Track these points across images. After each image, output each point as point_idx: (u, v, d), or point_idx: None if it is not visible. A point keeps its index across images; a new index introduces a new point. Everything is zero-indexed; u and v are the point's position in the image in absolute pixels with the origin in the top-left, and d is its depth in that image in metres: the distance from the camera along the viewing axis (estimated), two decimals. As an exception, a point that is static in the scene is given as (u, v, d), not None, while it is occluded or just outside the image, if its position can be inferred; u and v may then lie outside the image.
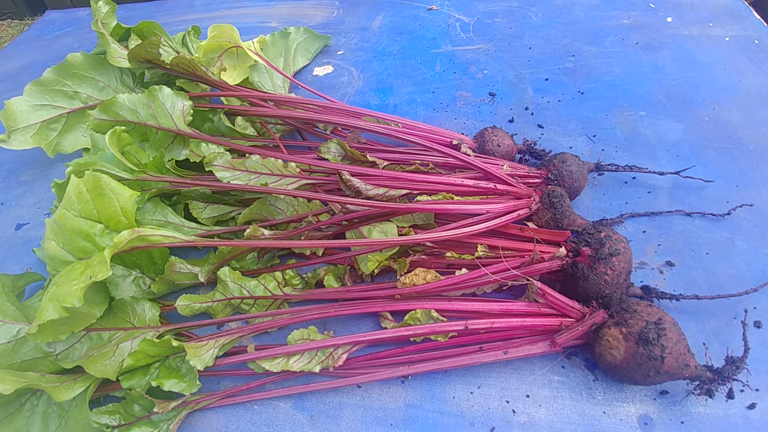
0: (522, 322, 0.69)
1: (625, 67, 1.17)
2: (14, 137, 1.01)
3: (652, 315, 0.63)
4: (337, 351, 0.72)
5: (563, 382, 0.69)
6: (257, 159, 0.81)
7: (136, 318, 0.74)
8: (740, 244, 0.81)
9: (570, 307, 0.68)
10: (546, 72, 1.19)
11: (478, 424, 0.67)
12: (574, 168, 0.85)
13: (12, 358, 0.67)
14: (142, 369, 0.70)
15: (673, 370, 0.60)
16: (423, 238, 0.75)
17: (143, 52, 0.88)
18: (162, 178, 0.82)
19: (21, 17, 3.11)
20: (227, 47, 1.06)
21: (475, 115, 1.11)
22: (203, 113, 0.97)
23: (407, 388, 0.71)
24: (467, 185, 0.82)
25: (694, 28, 1.25)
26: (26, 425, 0.67)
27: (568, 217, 0.80)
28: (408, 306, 0.73)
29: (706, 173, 0.91)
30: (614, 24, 1.30)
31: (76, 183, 0.68)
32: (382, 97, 1.21)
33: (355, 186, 0.77)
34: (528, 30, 1.34)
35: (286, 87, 1.15)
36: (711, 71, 1.13)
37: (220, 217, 0.90)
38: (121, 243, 0.61)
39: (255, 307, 0.80)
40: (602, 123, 1.05)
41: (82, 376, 0.67)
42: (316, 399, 0.72)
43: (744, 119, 1.01)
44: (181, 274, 0.80)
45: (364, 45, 1.39)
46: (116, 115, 0.80)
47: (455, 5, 1.48)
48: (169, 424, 0.68)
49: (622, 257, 0.69)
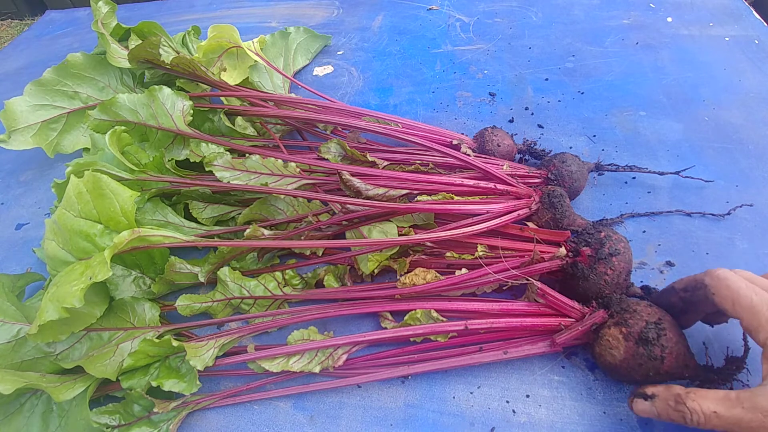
0: (522, 322, 0.69)
1: (625, 67, 1.17)
2: (14, 137, 1.01)
3: (652, 315, 0.62)
4: (337, 351, 0.72)
5: (563, 382, 0.69)
6: (257, 159, 0.81)
7: (136, 318, 0.74)
8: (740, 244, 0.81)
9: (570, 307, 0.68)
10: (546, 72, 1.19)
11: (478, 424, 0.67)
12: (574, 168, 0.85)
13: (12, 358, 0.67)
14: (142, 369, 0.70)
15: (673, 370, 0.60)
16: (423, 238, 0.75)
17: (143, 52, 0.88)
18: (162, 178, 0.82)
19: (21, 17, 3.11)
20: (227, 47, 1.06)
21: (475, 115, 1.11)
22: (203, 113, 0.97)
23: (407, 388, 0.71)
24: (467, 185, 0.82)
25: (694, 28, 1.25)
26: (26, 425, 0.67)
27: (568, 217, 0.80)
28: (408, 306, 0.73)
29: (706, 173, 0.91)
30: (614, 24, 1.30)
31: (75, 183, 0.68)
32: (382, 97, 1.21)
33: (355, 186, 0.77)
34: (528, 30, 1.34)
35: (286, 87, 1.15)
36: (711, 71, 1.13)
37: (220, 217, 0.90)
38: (121, 243, 0.61)
39: (255, 307, 0.80)
40: (602, 123, 1.05)
41: (82, 376, 0.67)
42: (315, 399, 0.72)
43: (744, 119, 1.01)
44: (181, 274, 0.80)
45: (364, 45, 1.39)
46: (116, 115, 0.80)
47: (455, 5, 1.48)
48: (169, 424, 0.68)
49: (622, 257, 0.69)
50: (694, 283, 0.61)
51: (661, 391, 0.58)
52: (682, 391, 0.56)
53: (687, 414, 0.54)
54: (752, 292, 0.54)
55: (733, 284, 0.56)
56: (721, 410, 0.53)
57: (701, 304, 0.61)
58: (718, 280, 0.57)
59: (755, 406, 0.51)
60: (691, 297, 0.62)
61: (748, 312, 0.54)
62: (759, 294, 0.54)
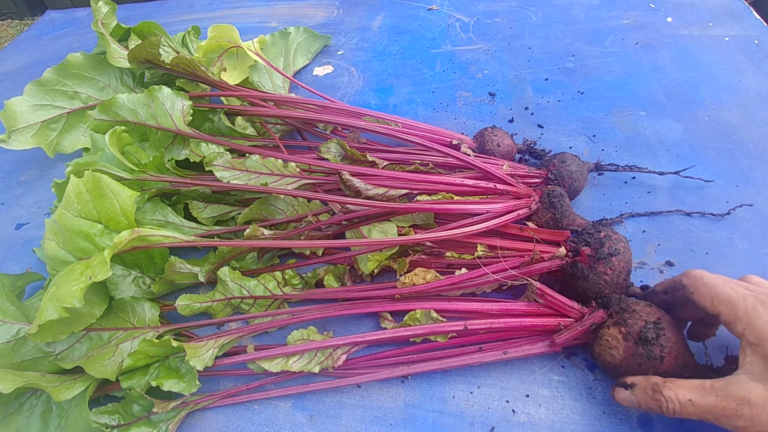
0: (521, 322, 0.69)
1: (625, 67, 1.17)
2: (14, 137, 1.01)
3: (651, 315, 0.62)
4: (337, 351, 0.72)
5: (563, 382, 0.69)
6: (257, 159, 0.81)
7: (135, 318, 0.74)
8: (740, 244, 0.81)
9: (569, 307, 0.68)
10: (546, 72, 1.19)
11: (477, 423, 0.67)
12: (573, 168, 0.85)
13: (12, 357, 0.67)
14: (142, 369, 0.70)
15: (672, 370, 0.60)
16: (423, 238, 0.75)
17: (143, 52, 0.88)
18: (162, 178, 0.82)
19: (21, 17, 3.11)
20: (227, 47, 1.06)
21: (475, 115, 1.11)
22: (203, 113, 0.97)
23: (407, 388, 0.71)
24: (467, 185, 0.82)
25: (694, 28, 1.25)
26: (26, 425, 0.67)
27: (568, 216, 0.80)
28: (408, 306, 0.73)
29: (706, 173, 0.91)
30: (614, 24, 1.30)
31: (75, 183, 0.68)
32: (382, 97, 1.21)
33: (355, 186, 0.77)
34: (528, 30, 1.34)
35: (286, 87, 1.15)
36: (711, 71, 1.13)
37: (220, 217, 0.90)
38: (120, 243, 0.61)
39: (255, 306, 0.80)
40: (602, 123, 1.05)
41: (81, 376, 0.67)
42: (315, 399, 0.72)
43: (744, 119, 1.01)
44: (181, 274, 0.80)
45: (364, 45, 1.39)
46: (116, 115, 0.80)
47: (455, 5, 1.48)
48: (168, 424, 0.68)
49: (622, 257, 0.69)
50: (673, 284, 0.63)
51: (640, 381, 0.60)
52: (659, 381, 0.58)
53: (663, 402, 0.56)
54: (728, 287, 0.56)
55: (710, 281, 0.58)
56: (695, 398, 0.54)
57: (682, 305, 0.62)
58: (695, 279, 0.59)
59: (729, 394, 0.52)
60: (672, 299, 0.63)
61: (726, 306, 0.55)
62: (734, 288, 0.56)
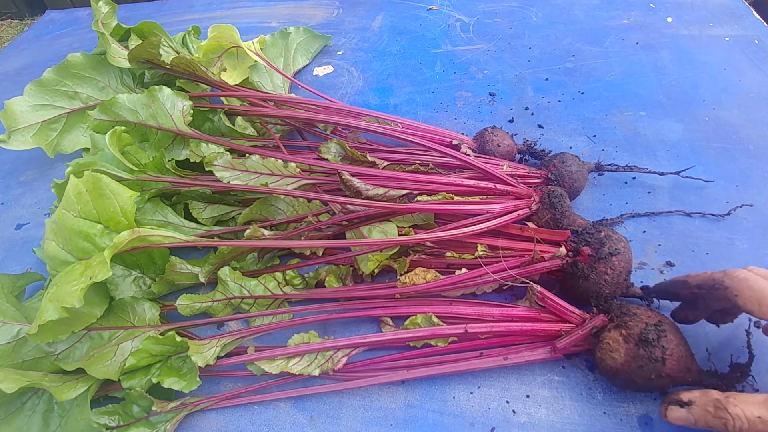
0: (522, 326, 0.68)
1: (625, 67, 1.17)
2: (14, 137, 1.01)
3: (651, 317, 0.62)
4: (337, 354, 0.72)
5: (563, 382, 0.69)
6: (257, 159, 0.81)
7: (136, 318, 0.74)
8: (740, 244, 0.81)
9: (570, 312, 0.68)
10: (546, 72, 1.19)
11: (478, 424, 0.67)
12: (574, 168, 0.85)
13: (12, 358, 0.67)
14: (144, 369, 0.70)
15: (674, 374, 0.60)
16: (423, 238, 0.75)
17: (143, 53, 0.88)
18: (162, 178, 0.82)
19: (21, 17, 3.11)
20: (227, 47, 1.06)
21: (475, 115, 1.11)
22: (203, 113, 0.97)
23: (407, 389, 0.71)
24: (467, 185, 0.82)
25: (694, 28, 1.25)
26: (27, 424, 0.67)
27: (568, 217, 0.80)
28: (408, 309, 0.73)
29: (706, 173, 0.91)
30: (614, 24, 1.30)
31: (75, 183, 0.68)
32: (382, 97, 1.21)
33: (355, 186, 0.77)
34: (528, 30, 1.34)
35: (286, 87, 1.15)
36: (711, 71, 1.13)
37: (220, 218, 0.90)
38: (121, 243, 0.61)
39: (255, 306, 0.80)
40: (602, 123, 1.05)
41: (84, 376, 0.67)
42: (315, 399, 0.72)
43: (744, 119, 1.01)
44: (181, 275, 0.80)
45: (364, 45, 1.39)
46: (116, 116, 0.80)
47: (455, 5, 1.48)
48: (166, 425, 0.68)
49: (622, 257, 0.69)
50: (711, 281, 0.59)
51: (698, 397, 0.55)
52: (721, 396, 0.53)
53: (729, 420, 0.51)
54: None
55: (755, 285, 0.54)
56: (766, 415, 0.50)
57: (715, 302, 0.59)
58: (739, 282, 0.56)
59: None
60: (706, 294, 0.60)
61: None
62: None
